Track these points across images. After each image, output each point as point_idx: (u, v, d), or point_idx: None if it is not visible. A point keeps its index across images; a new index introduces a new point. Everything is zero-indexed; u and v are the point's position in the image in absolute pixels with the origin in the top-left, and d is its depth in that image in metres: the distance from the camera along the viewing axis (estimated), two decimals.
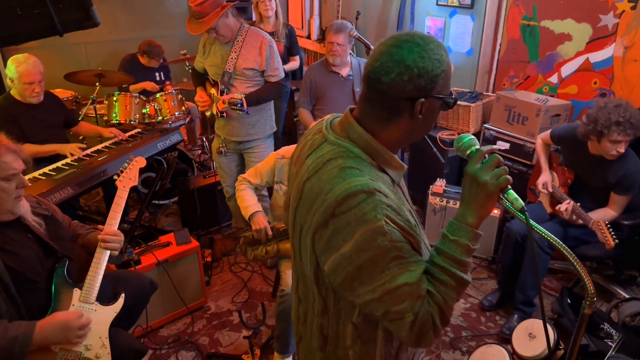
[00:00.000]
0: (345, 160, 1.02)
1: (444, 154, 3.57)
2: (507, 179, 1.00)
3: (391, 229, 0.96)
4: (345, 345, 1.17)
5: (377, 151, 1.05)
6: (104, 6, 4.76)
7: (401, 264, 0.98)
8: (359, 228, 0.95)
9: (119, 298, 1.89)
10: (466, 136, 1.10)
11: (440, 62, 0.99)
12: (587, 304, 1.13)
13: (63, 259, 1.81)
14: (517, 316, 2.69)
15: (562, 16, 3.24)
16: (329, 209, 0.98)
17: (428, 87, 0.99)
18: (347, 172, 0.99)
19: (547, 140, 2.84)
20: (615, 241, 2.35)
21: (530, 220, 1.04)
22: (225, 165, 3.22)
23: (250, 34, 2.88)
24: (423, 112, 1.02)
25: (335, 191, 0.98)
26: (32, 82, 2.93)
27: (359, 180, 0.97)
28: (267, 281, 3.19)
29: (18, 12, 1.65)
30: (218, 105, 2.84)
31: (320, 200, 1.00)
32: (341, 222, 0.97)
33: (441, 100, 1.03)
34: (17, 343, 1.57)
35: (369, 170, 1.02)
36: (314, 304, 1.18)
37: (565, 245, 1.07)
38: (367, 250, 0.96)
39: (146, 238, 3.18)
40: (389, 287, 0.97)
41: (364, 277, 0.98)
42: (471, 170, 1.01)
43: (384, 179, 1.05)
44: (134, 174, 2.11)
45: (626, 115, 2.33)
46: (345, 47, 3.28)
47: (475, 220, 1.02)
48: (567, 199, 2.59)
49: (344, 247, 0.97)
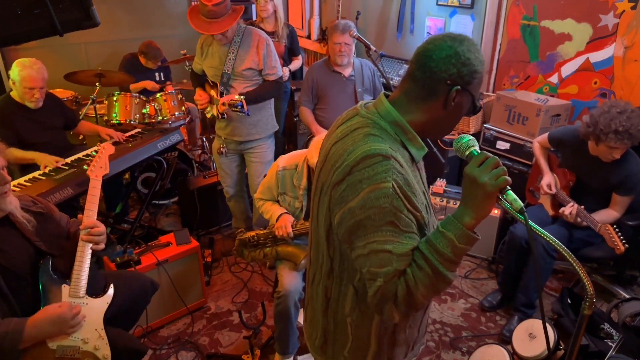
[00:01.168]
0: (371, 129, 1.11)
1: (444, 154, 3.57)
2: (506, 179, 1.01)
3: (396, 195, 1.03)
4: (344, 312, 1.25)
5: (403, 128, 1.12)
6: (104, 6, 4.76)
7: (394, 232, 1.05)
8: (368, 185, 1.03)
9: (109, 289, 1.88)
10: (465, 137, 1.11)
11: (481, 63, 1.10)
12: (587, 305, 1.13)
13: (47, 256, 1.80)
14: (517, 318, 2.69)
15: (562, 16, 3.24)
16: (347, 167, 1.07)
17: (466, 78, 1.08)
18: (370, 138, 1.09)
19: (545, 143, 2.84)
20: (625, 246, 2.32)
21: (529, 221, 1.05)
22: (226, 165, 3.22)
23: (247, 33, 2.89)
24: (455, 102, 1.10)
25: (356, 152, 1.07)
26: (32, 87, 2.93)
27: (380, 145, 1.06)
28: (267, 281, 3.19)
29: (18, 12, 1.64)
30: (218, 107, 2.84)
31: (341, 160, 1.10)
32: (355, 179, 1.05)
33: (472, 99, 1.11)
34: (7, 338, 1.57)
35: (391, 142, 1.10)
36: (322, 264, 1.26)
37: (571, 248, 1.07)
38: (369, 207, 1.03)
39: (146, 238, 3.19)
40: (376, 247, 1.05)
41: (360, 232, 1.06)
42: (471, 171, 1.03)
43: (404, 154, 1.12)
44: (104, 162, 2.07)
45: (626, 125, 2.30)
46: (351, 46, 3.31)
47: (471, 221, 1.03)
48: (570, 202, 2.58)
49: (352, 202, 1.06)
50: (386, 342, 1.27)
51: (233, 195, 3.33)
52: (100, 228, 1.87)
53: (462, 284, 3.17)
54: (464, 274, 3.26)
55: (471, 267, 3.32)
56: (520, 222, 1.06)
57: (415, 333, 1.35)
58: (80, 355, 1.75)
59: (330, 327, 1.30)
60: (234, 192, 3.31)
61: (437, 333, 2.74)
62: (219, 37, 2.79)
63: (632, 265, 2.93)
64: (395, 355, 1.32)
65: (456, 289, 3.12)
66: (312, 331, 1.38)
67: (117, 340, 1.86)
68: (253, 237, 2.41)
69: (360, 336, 1.26)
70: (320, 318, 1.32)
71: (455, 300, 3.02)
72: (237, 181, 3.29)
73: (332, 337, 1.31)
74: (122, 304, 1.98)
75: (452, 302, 3.00)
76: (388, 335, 1.26)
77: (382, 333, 1.25)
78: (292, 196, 2.34)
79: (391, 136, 1.11)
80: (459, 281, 3.19)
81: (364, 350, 1.28)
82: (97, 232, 1.86)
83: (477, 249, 3.37)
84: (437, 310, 2.92)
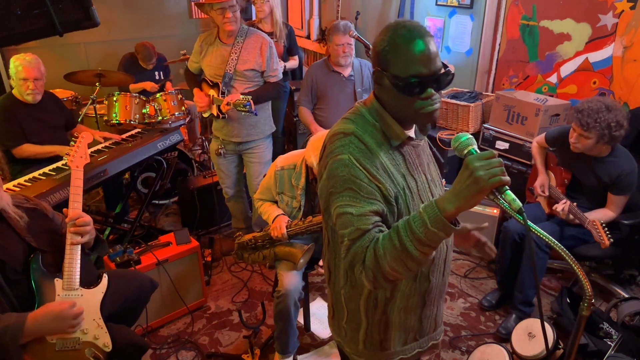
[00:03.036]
0: (350, 115, 1.27)
1: (443, 154, 3.57)
2: (502, 180, 1.01)
3: (353, 165, 1.15)
4: (340, 284, 1.36)
5: (380, 114, 1.23)
6: (103, 6, 4.76)
7: (354, 197, 1.15)
8: (330, 158, 1.20)
9: (102, 278, 1.89)
10: (463, 135, 1.11)
11: (383, 41, 1.18)
12: (585, 306, 1.13)
13: (36, 252, 1.80)
14: (515, 316, 2.69)
15: (561, 16, 3.25)
16: (323, 147, 1.27)
17: (375, 60, 1.21)
18: (343, 121, 1.26)
19: (543, 143, 2.85)
20: (610, 240, 2.33)
21: (528, 221, 1.04)
22: (224, 166, 3.22)
23: (250, 35, 2.91)
24: (379, 82, 1.21)
25: (329, 132, 1.27)
26: (26, 78, 2.93)
27: (346, 126, 1.23)
28: (267, 281, 3.19)
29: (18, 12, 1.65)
30: (222, 107, 2.84)
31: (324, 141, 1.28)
32: (324, 155, 1.24)
33: (389, 78, 1.17)
34: (7, 333, 1.58)
35: (363, 125, 1.23)
36: (325, 237, 1.37)
37: (564, 245, 1.07)
38: (332, 177, 1.18)
39: (146, 238, 3.19)
40: (339, 211, 1.17)
41: (330, 200, 1.20)
42: (471, 161, 1.03)
43: (377, 137, 1.22)
44: (84, 152, 2.06)
45: (588, 108, 2.36)
46: (352, 45, 3.32)
47: (452, 209, 1.04)
48: (563, 199, 2.59)
49: (323, 175, 1.23)
50: (377, 321, 1.33)
51: (232, 196, 3.34)
52: (86, 218, 1.86)
53: (461, 283, 3.18)
54: (464, 273, 3.26)
55: (470, 267, 3.32)
56: (519, 222, 1.06)
57: (414, 321, 1.37)
58: (81, 346, 1.76)
59: (333, 299, 1.41)
60: (233, 192, 3.32)
61: None
62: (228, 16, 2.76)
63: (630, 265, 2.94)
64: (389, 338, 1.36)
65: (455, 289, 3.12)
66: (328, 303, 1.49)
67: (119, 336, 1.87)
68: (251, 240, 2.42)
69: (352, 309, 1.35)
70: (329, 290, 1.44)
71: (455, 300, 3.02)
72: (236, 182, 3.30)
73: (335, 309, 1.42)
74: (121, 303, 1.99)
75: (452, 301, 3.01)
76: (378, 313, 1.32)
77: (371, 310, 1.32)
78: (290, 196, 2.35)
79: (368, 121, 1.23)
80: (458, 280, 3.20)
81: (357, 324, 1.36)
82: (83, 223, 1.84)
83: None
84: None
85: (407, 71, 1.13)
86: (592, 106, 2.37)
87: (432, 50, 1.14)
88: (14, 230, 1.78)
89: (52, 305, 1.71)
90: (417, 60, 1.13)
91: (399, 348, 1.40)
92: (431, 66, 1.14)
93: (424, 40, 1.13)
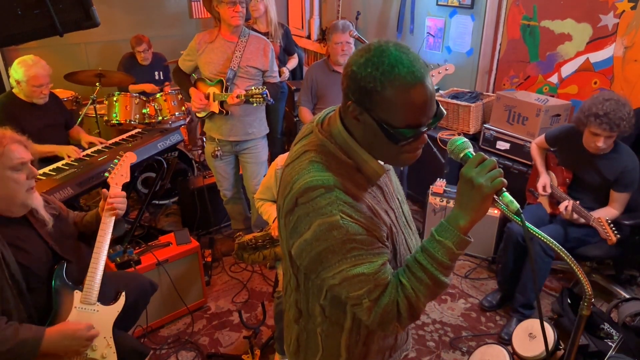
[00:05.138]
0: (317, 155, 1.07)
1: (444, 154, 3.57)
2: (502, 181, 1.00)
3: (348, 223, 1.01)
4: (315, 322, 1.24)
5: (354, 150, 1.07)
6: (104, 6, 4.76)
7: (360, 255, 1.02)
8: (316, 219, 1.01)
9: (120, 297, 1.89)
10: (459, 139, 1.09)
11: (373, 78, 0.96)
12: (585, 306, 1.13)
13: (62, 261, 1.81)
14: (515, 319, 2.68)
15: (562, 16, 3.24)
16: (293, 199, 1.05)
17: (356, 94, 1.00)
18: (314, 166, 1.05)
19: (542, 144, 2.85)
20: (617, 236, 2.34)
21: (526, 222, 1.04)
22: (222, 169, 3.22)
23: (252, 36, 2.96)
24: (356, 117, 1.03)
25: (299, 182, 1.04)
26: (41, 84, 2.97)
27: (321, 175, 1.03)
28: (267, 281, 3.19)
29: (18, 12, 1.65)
30: (229, 99, 2.83)
31: (289, 188, 1.07)
32: (302, 212, 1.03)
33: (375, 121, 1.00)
34: (27, 346, 1.58)
35: (337, 167, 1.05)
36: (290, 279, 1.25)
37: (567, 247, 1.07)
38: (324, 240, 1.01)
39: (146, 238, 3.18)
40: (347, 275, 1.03)
41: (325, 264, 1.04)
42: (467, 172, 1.01)
43: (356, 178, 1.07)
44: (125, 171, 2.08)
45: (608, 109, 2.34)
46: (352, 45, 3.35)
47: (466, 224, 1.02)
48: (566, 198, 2.59)
49: (305, 234, 1.03)
50: (357, 353, 1.26)
51: (231, 198, 3.34)
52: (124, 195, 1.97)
53: (462, 283, 3.17)
54: (464, 274, 3.26)
55: (471, 267, 3.32)
56: (516, 223, 1.05)
57: (390, 341, 1.33)
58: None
59: (303, 336, 1.30)
60: (231, 195, 3.32)
61: (437, 333, 2.74)
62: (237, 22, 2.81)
63: (631, 265, 2.94)
64: None
65: (456, 289, 3.12)
66: (288, 336, 1.39)
67: (120, 343, 1.86)
68: (251, 240, 2.42)
69: (330, 346, 1.26)
70: (293, 326, 1.32)
71: (455, 300, 3.02)
72: (234, 183, 3.30)
73: (305, 346, 1.31)
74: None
75: (452, 302, 3.01)
76: (359, 346, 1.25)
77: (353, 344, 1.24)
78: None
79: (340, 161, 1.06)
80: (459, 281, 3.19)
81: (334, 359, 1.27)
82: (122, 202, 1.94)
83: (477, 249, 3.37)
84: (437, 310, 2.92)
85: (405, 121, 0.98)
86: (609, 108, 2.34)
87: (433, 93, 0.99)
88: (40, 235, 1.78)
89: (69, 324, 1.72)
90: (419, 109, 0.98)
91: None
92: (430, 112, 1.00)
93: (426, 84, 0.97)
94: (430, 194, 3.41)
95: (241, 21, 2.86)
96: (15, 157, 1.65)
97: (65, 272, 1.79)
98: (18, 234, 1.72)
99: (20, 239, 1.72)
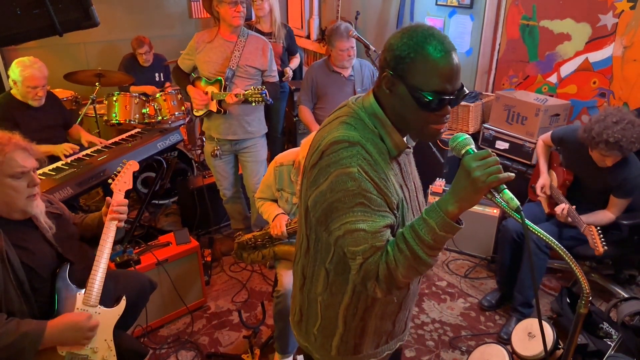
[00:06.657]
0: (348, 118, 1.17)
1: (443, 154, 3.58)
2: (498, 179, 1.01)
3: (363, 178, 1.08)
4: (316, 291, 1.31)
5: (381, 120, 1.16)
6: (103, 6, 4.76)
7: (366, 211, 1.09)
8: (335, 169, 1.10)
9: (121, 301, 1.89)
10: (461, 135, 1.11)
11: (407, 47, 1.07)
12: (583, 304, 1.13)
13: (65, 262, 1.81)
14: (515, 319, 2.69)
15: (561, 16, 3.25)
16: (319, 152, 1.14)
17: (391, 63, 1.10)
18: (343, 126, 1.15)
19: (548, 141, 2.84)
20: (604, 248, 2.34)
21: (525, 220, 1.05)
22: (221, 168, 3.22)
23: (251, 36, 2.96)
24: (389, 88, 1.13)
25: (328, 138, 1.14)
26: (36, 86, 2.95)
27: (349, 133, 1.13)
28: (266, 281, 3.19)
29: (18, 12, 1.65)
30: (227, 98, 2.84)
31: (317, 145, 1.17)
32: (324, 163, 1.12)
33: (407, 87, 1.09)
34: (27, 338, 1.59)
35: (363, 131, 1.14)
36: (302, 243, 1.32)
37: (564, 245, 1.07)
38: (338, 190, 1.09)
39: (146, 238, 3.19)
40: (350, 227, 1.10)
41: (334, 214, 1.12)
42: (468, 162, 1.04)
43: (380, 146, 1.15)
44: (128, 178, 2.13)
45: (618, 137, 2.31)
46: (355, 47, 3.35)
47: (454, 210, 1.05)
48: (563, 201, 2.60)
49: (322, 185, 1.12)
50: (354, 327, 1.32)
51: (230, 198, 3.34)
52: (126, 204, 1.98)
53: (461, 283, 3.18)
54: (464, 273, 3.26)
55: (470, 267, 3.32)
56: (516, 221, 1.06)
57: (388, 326, 1.37)
58: None
59: (305, 305, 1.37)
60: (231, 194, 3.32)
61: (436, 332, 2.74)
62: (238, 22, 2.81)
63: (630, 265, 2.94)
64: (363, 342, 1.35)
65: (455, 289, 3.12)
66: (293, 307, 1.46)
67: (120, 343, 1.87)
68: (250, 239, 2.42)
69: (329, 316, 1.32)
70: (298, 295, 1.40)
71: (455, 300, 3.02)
72: (234, 183, 3.31)
73: (306, 314, 1.38)
74: None
75: (452, 301, 3.01)
76: (356, 320, 1.30)
77: (350, 317, 1.30)
78: (289, 192, 2.35)
79: (368, 127, 1.15)
80: (458, 281, 3.20)
81: (331, 330, 1.34)
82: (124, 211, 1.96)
83: (476, 249, 3.38)
84: (437, 310, 2.92)
85: (432, 86, 1.07)
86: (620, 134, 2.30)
87: (459, 66, 1.09)
88: (44, 236, 1.78)
89: (70, 315, 1.72)
90: (444, 76, 1.07)
91: (371, 351, 1.40)
92: (455, 83, 1.09)
93: (452, 55, 1.07)
94: (430, 194, 3.41)
95: (242, 21, 2.86)
96: (16, 165, 1.65)
97: (68, 273, 1.80)
98: (23, 234, 1.73)
99: (25, 240, 1.72)
